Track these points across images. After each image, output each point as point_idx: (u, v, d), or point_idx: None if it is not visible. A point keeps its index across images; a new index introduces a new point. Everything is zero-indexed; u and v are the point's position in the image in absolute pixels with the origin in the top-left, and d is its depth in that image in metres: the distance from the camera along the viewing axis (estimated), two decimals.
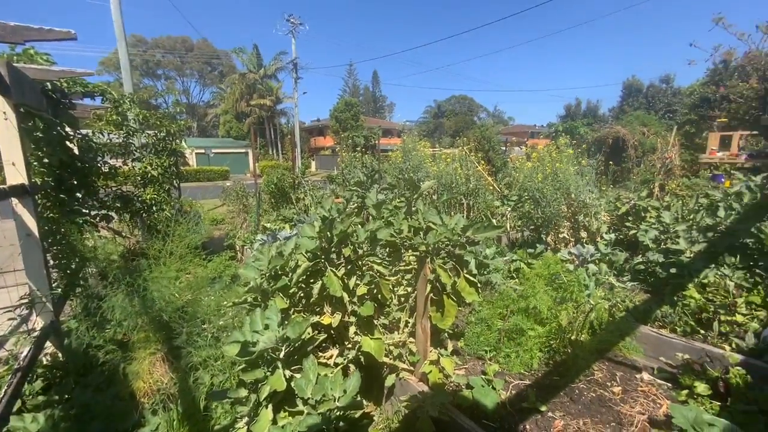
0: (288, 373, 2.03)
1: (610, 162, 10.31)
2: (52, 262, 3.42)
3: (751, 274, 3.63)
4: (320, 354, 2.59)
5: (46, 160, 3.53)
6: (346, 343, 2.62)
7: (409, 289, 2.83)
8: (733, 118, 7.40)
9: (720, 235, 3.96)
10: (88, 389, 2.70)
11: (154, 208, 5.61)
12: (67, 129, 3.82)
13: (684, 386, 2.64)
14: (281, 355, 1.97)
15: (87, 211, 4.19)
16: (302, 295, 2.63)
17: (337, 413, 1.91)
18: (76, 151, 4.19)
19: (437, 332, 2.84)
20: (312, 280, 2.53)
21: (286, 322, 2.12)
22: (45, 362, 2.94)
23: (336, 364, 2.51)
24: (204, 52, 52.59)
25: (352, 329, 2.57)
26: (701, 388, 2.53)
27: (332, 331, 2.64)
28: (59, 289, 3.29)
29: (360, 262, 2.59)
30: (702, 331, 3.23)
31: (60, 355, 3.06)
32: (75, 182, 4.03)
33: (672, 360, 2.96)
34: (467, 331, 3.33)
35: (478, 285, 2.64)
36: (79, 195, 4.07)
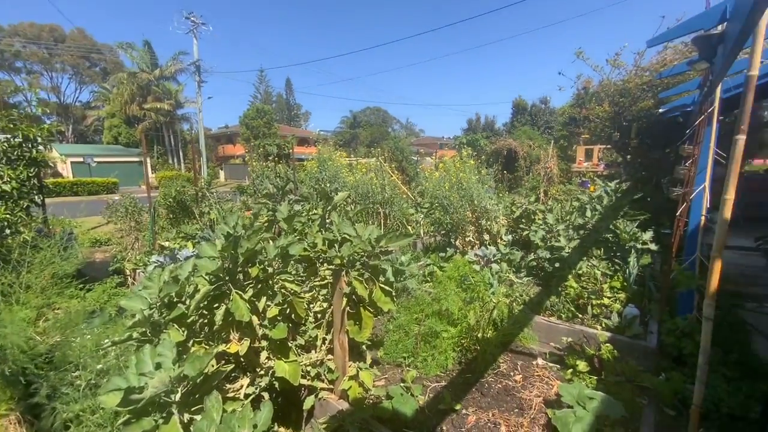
0: (187, 416, 1.78)
1: (505, 171, 11.68)
2: None
3: (612, 263, 4.40)
4: (228, 386, 2.34)
5: None
6: (258, 369, 2.41)
7: (326, 305, 2.75)
8: (593, 134, 9.01)
9: (588, 232, 4.72)
10: None
11: (7, 231, 4.52)
12: None
13: (569, 366, 3.04)
14: (177, 398, 1.71)
15: None
16: (205, 322, 2.35)
17: None
18: None
19: (356, 345, 2.80)
20: (216, 305, 2.28)
21: (184, 357, 1.86)
22: None
23: (247, 396, 2.29)
24: (80, 45, 44.85)
25: (264, 354, 2.38)
26: (582, 365, 2.95)
27: (241, 359, 2.41)
28: None
29: (271, 281, 2.43)
30: (580, 315, 3.78)
31: None
32: None
33: (559, 344, 3.40)
34: (386, 340, 3.36)
35: (394, 293, 2.68)
36: None
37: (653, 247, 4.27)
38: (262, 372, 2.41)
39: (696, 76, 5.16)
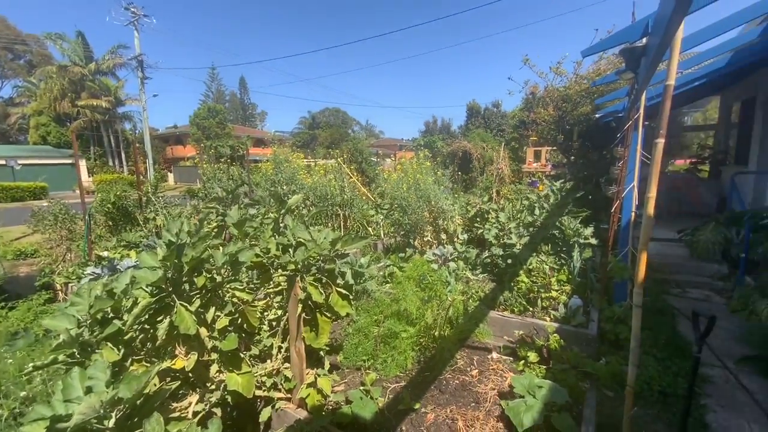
0: None
1: (460, 172, 12.10)
2: None
3: (559, 258, 4.69)
4: (175, 405, 2.19)
5: None
6: (209, 384, 2.28)
7: (280, 312, 2.66)
8: (540, 137, 9.60)
9: (537, 229, 4.99)
10: None
11: None
12: None
13: (521, 357, 3.19)
14: (111, 424, 1.56)
15: None
16: (147, 338, 2.18)
17: None
18: None
19: (314, 351, 2.74)
20: (158, 318, 2.12)
21: (120, 378, 1.71)
22: None
23: (195, 414, 2.15)
24: (1, 35, 40.14)
25: (215, 367, 2.25)
26: (532, 356, 3.11)
27: (189, 375, 2.26)
28: None
29: (220, 291, 2.30)
30: (531, 308, 3.98)
31: None
32: None
33: (512, 337, 3.56)
34: (346, 343, 3.33)
35: (353, 296, 2.66)
36: None
37: (594, 241, 4.60)
38: (213, 386, 2.28)
39: (625, 85, 5.65)
